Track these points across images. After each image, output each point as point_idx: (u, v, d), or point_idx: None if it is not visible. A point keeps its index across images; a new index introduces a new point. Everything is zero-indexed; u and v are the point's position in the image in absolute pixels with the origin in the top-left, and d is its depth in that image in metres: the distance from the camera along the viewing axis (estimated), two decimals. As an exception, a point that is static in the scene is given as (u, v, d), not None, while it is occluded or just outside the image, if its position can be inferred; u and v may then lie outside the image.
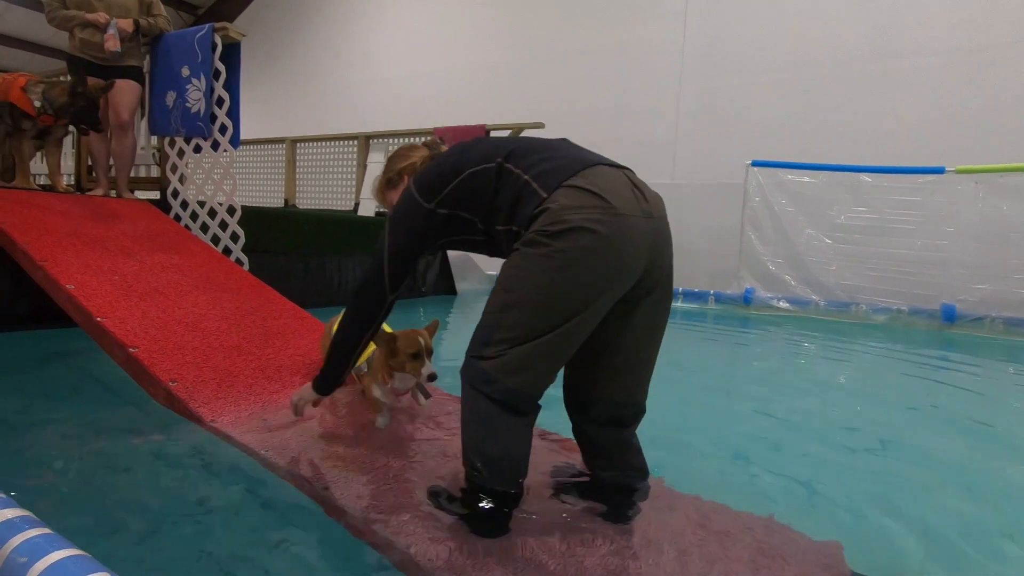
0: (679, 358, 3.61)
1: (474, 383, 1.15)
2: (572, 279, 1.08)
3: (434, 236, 1.31)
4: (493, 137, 1.30)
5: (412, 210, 1.29)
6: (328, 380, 1.52)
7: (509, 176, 1.19)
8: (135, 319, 2.13)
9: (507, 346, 1.11)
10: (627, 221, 1.11)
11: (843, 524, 1.40)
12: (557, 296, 1.09)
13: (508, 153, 1.22)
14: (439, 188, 1.26)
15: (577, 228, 1.07)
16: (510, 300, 1.13)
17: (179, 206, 3.69)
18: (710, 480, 1.58)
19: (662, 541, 1.20)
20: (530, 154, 1.20)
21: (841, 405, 2.61)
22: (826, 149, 6.10)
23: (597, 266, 1.09)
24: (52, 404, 2.02)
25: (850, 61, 6.16)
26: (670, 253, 1.23)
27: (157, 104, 3.69)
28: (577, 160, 1.17)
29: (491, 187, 1.21)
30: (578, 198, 1.10)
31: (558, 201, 1.10)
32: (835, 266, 5.64)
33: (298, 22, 10.72)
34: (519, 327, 1.11)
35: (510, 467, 1.16)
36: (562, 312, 1.10)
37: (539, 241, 1.10)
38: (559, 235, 1.08)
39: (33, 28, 11.06)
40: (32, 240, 2.46)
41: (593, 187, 1.11)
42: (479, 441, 1.16)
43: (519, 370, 1.11)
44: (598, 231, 1.08)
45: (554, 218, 1.09)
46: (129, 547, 1.15)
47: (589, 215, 1.08)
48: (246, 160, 7.45)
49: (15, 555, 0.69)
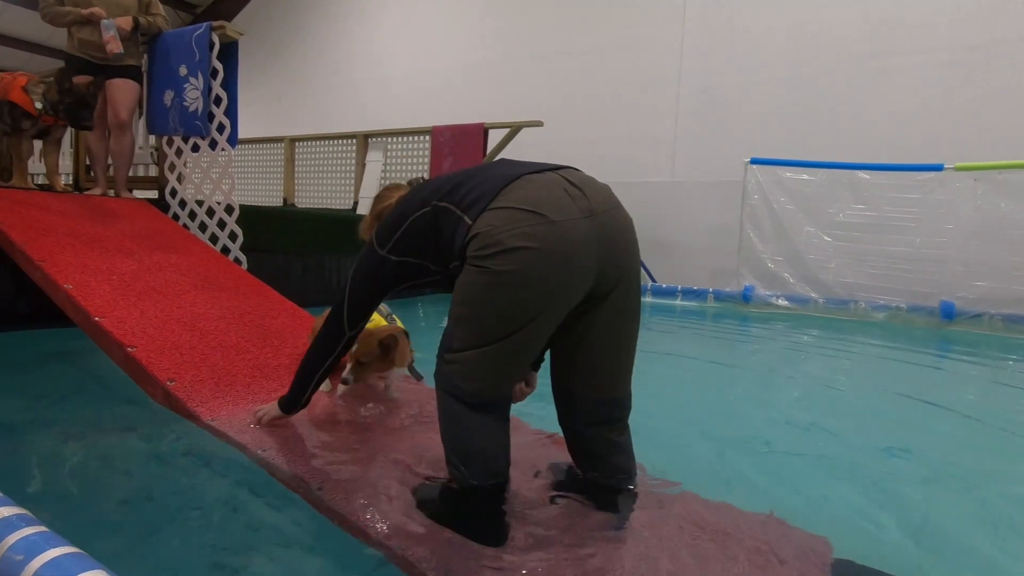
0: (677, 355, 3.61)
1: (442, 386, 1.20)
2: (512, 297, 1.11)
3: (390, 281, 1.37)
4: (441, 176, 1.34)
5: (369, 256, 1.37)
6: (292, 402, 1.60)
7: (444, 214, 1.22)
8: (133, 318, 2.13)
9: (462, 355, 1.16)
10: (563, 227, 1.10)
11: (840, 520, 1.40)
12: (500, 313, 1.12)
13: (444, 193, 1.24)
14: (389, 235, 1.32)
15: (510, 248, 1.09)
16: (461, 314, 1.17)
17: (177, 205, 3.69)
18: (707, 478, 1.58)
19: (656, 540, 1.21)
20: (462, 186, 1.22)
21: (840, 402, 2.62)
22: (825, 147, 6.10)
23: (539, 280, 1.10)
24: (51, 403, 2.03)
25: (849, 58, 6.16)
26: (628, 243, 1.21)
27: (155, 103, 3.69)
28: (501, 178, 1.18)
29: (431, 229, 1.25)
30: (503, 217, 1.11)
31: (486, 223, 1.12)
32: (834, 264, 5.65)
33: (296, 21, 10.71)
34: (470, 339, 1.15)
35: (486, 461, 1.19)
36: (508, 326, 1.12)
37: (476, 265, 1.13)
38: (490, 257, 1.10)
39: (30, 27, 11.03)
40: (30, 240, 2.46)
41: (517, 203, 1.12)
42: (453, 440, 1.20)
43: (476, 376, 1.16)
44: (532, 247, 1.08)
45: (483, 242, 1.11)
46: (128, 545, 1.16)
47: (520, 230, 1.09)
48: (244, 159, 7.44)
49: (11, 553, 0.70)
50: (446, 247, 1.23)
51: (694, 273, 6.51)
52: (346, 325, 1.43)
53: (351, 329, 1.45)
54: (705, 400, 2.60)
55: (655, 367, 3.12)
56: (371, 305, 1.45)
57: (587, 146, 7.21)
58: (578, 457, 1.38)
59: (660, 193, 6.95)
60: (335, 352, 1.49)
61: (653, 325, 4.74)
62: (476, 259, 1.13)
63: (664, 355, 3.61)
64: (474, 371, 1.15)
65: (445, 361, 1.19)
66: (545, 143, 5.79)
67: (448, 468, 1.23)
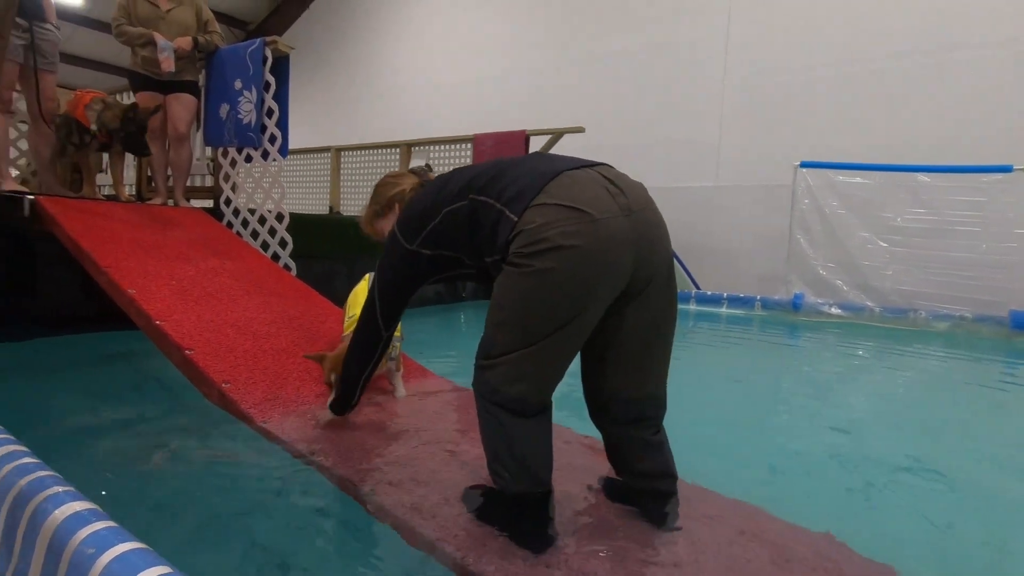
0: (725, 365, 3.51)
1: (481, 392, 1.19)
2: (554, 296, 1.09)
3: (422, 275, 1.37)
4: (468, 167, 1.33)
5: (396, 251, 1.36)
6: (341, 406, 1.66)
7: (483, 208, 1.21)
8: (191, 322, 2.22)
9: (503, 358, 1.14)
10: (605, 224, 1.10)
11: (900, 544, 1.32)
12: (541, 313, 1.11)
13: (480, 186, 1.23)
14: (419, 229, 1.31)
15: (555, 247, 1.08)
16: (500, 318, 1.15)
17: (231, 214, 3.83)
18: (759, 491, 1.52)
19: (706, 549, 1.17)
20: (499, 179, 1.21)
21: (899, 417, 2.49)
22: (880, 148, 5.84)
23: (580, 279, 1.09)
24: (114, 403, 2.13)
25: (906, 54, 5.89)
26: (661, 242, 1.20)
27: (211, 116, 3.84)
28: (541, 174, 1.17)
29: (468, 223, 1.24)
30: (548, 214, 1.10)
31: (531, 221, 1.11)
32: (891, 270, 5.39)
33: (342, 35, 11.03)
34: (512, 341, 1.14)
35: (529, 468, 1.17)
36: (548, 326, 1.11)
37: (518, 262, 1.11)
38: (537, 255, 1.09)
39: (98, 49, 11.78)
40: (97, 247, 2.60)
41: (560, 200, 1.11)
42: (496, 447, 1.19)
43: (517, 379, 1.14)
44: (576, 245, 1.08)
45: (529, 239, 1.10)
46: (182, 542, 1.20)
47: (564, 228, 1.08)
48: (293, 169, 7.68)
49: (84, 547, 0.73)
50: (486, 241, 1.21)
51: (740, 280, 6.32)
52: (382, 326, 1.44)
53: (387, 329, 1.45)
54: (756, 411, 2.52)
55: (700, 375, 3.04)
56: (404, 302, 1.44)
57: (629, 151, 7.13)
58: (616, 459, 1.35)
59: (704, 198, 6.80)
60: (375, 355, 1.51)
61: (698, 333, 4.63)
62: (520, 256, 1.11)
63: (712, 364, 3.52)
64: (516, 374, 1.14)
65: (485, 367, 1.18)
66: (587, 149, 5.74)
67: (491, 475, 1.22)
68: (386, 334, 1.46)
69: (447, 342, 3.93)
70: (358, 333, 1.51)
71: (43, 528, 0.80)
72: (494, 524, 1.21)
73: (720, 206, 6.71)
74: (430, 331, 4.18)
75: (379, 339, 1.47)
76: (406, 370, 2.38)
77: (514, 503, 1.18)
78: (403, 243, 1.34)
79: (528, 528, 1.17)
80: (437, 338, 3.99)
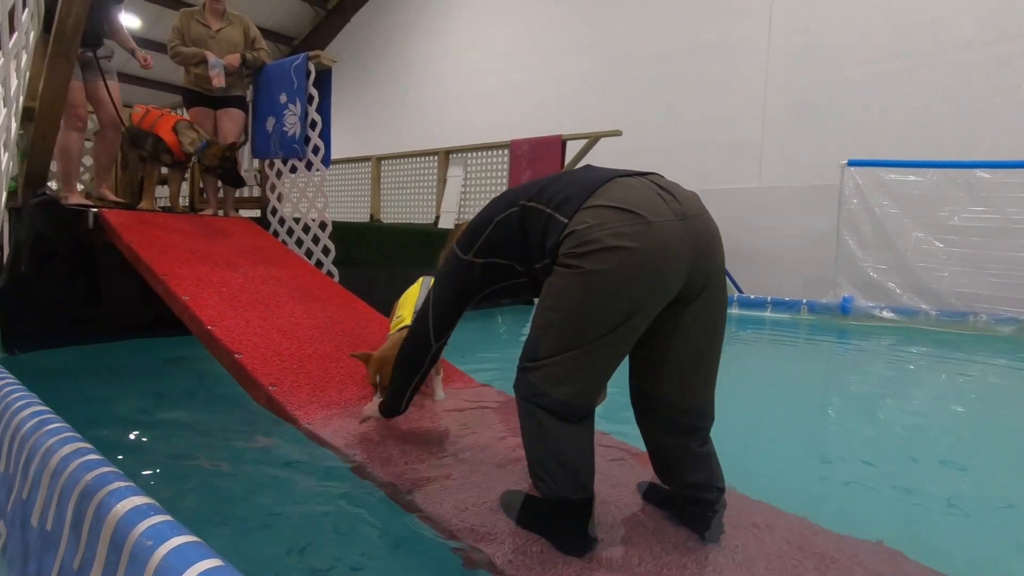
0: (770, 371, 3.41)
1: (525, 395, 1.17)
2: (605, 298, 1.08)
3: (476, 285, 1.38)
4: (525, 183, 1.34)
5: (452, 263, 1.39)
6: (390, 410, 1.65)
7: (533, 213, 1.22)
8: (240, 327, 2.31)
9: (550, 360, 1.13)
10: (659, 227, 1.08)
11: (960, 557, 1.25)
12: (591, 315, 1.10)
13: (531, 194, 1.24)
14: (474, 239, 1.33)
15: (607, 248, 1.07)
16: (549, 319, 1.15)
17: (277, 223, 3.97)
18: (805, 501, 1.47)
19: (755, 564, 1.14)
20: (551, 187, 1.22)
21: (960, 427, 2.36)
22: (933, 145, 5.59)
23: (632, 281, 1.08)
24: (168, 405, 2.23)
25: (961, 47, 5.62)
26: (715, 249, 1.18)
27: (259, 129, 4.00)
28: (593, 180, 1.17)
29: (519, 229, 1.25)
30: (600, 215, 1.09)
31: (582, 222, 1.10)
32: (948, 272, 5.14)
33: (382, 47, 11.30)
34: (559, 343, 1.12)
35: (572, 473, 1.15)
36: (598, 329, 1.10)
37: (569, 263, 1.11)
38: (588, 255, 1.08)
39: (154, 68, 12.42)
40: (154, 256, 2.74)
41: (613, 201, 1.10)
42: (538, 452, 1.17)
43: (564, 381, 1.12)
44: (628, 246, 1.06)
45: (580, 239, 1.10)
46: (229, 540, 1.24)
47: (616, 229, 1.07)
48: (336, 178, 7.90)
49: (143, 539, 0.77)
50: (535, 246, 1.22)
51: (785, 283, 6.14)
52: (432, 338, 1.45)
53: (437, 341, 1.46)
54: (803, 419, 2.44)
55: (745, 382, 2.96)
56: (456, 314, 1.46)
57: (668, 153, 7.04)
58: (661, 468, 1.32)
59: (747, 200, 6.64)
60: (424, 367, 1.51)
61: (741, 338, 4.51)
62: (569, 257, 1.11)
63: (756, 370, 3.43)
64: (562, 376, 1.13)
65: (529, 369, 1.17)
66: (624, 152, 5.70)
67: (533, 480, 1.21)
68: (436, 346, 1.47)
69: (486, 347, 3.96)
70: (408, 344, 1.51)
71: (107, 521, 0.84)
72: (534, 529, 1.21)
73: (764, 208, 6.54)
74: (469, 336, 4.21)
75: (428, 350, 1.47)
76: (446, 374, 2.41)
77: (556, 508, 1.17)
78: (459, 254, 1.37)
79: (569, 533, 1.16)
80: (476, 343, 4.02)
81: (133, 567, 0.75)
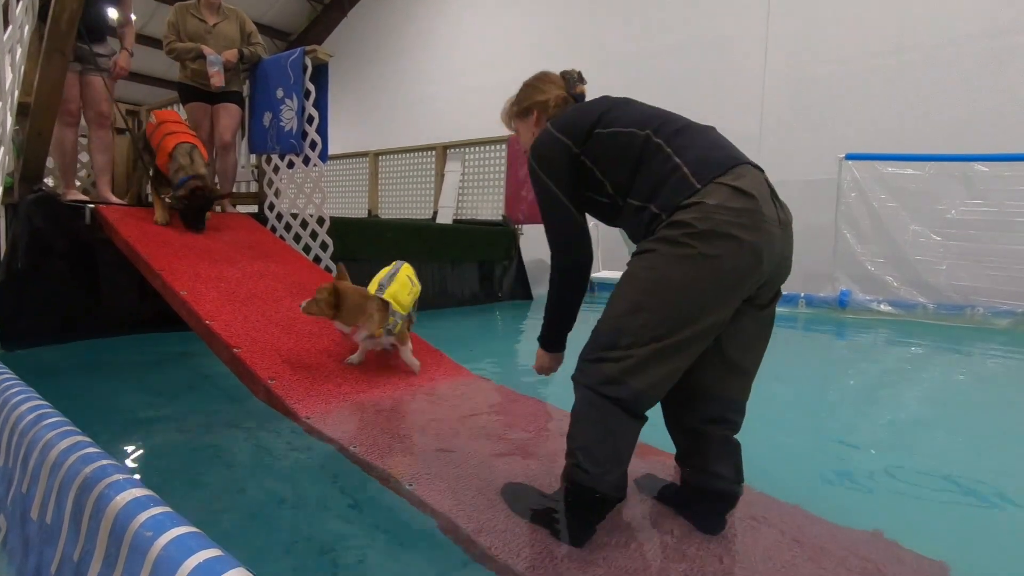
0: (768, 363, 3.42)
1: (593, 385, 1.10)
2: (712, 285, 1.05)
3: (576, 187, 1.28)
4: (639, 103, 1.28)
5: (557, 149, 1.26)
6: (557, 340, 1.46)
7: (657, 152, 1.16)
8: (238, 322, 2.31)
9: (636, 349, 1.07)
10: (768, 229, 1.07)
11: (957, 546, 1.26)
12: (694, 301, 1.05)
13: (657, 127, 1.18)
14: (583, 132, 1.24)
15: (726, 234, 1.04)
16: (640, 303, 1.08)
17: (275, 218, 3.96)
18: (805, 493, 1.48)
19: (752, 556, 1.14)
20: (680, 134, 1.17)
21: (958, 419, 2.38)
22: (931, 138, 5.59)
23: (737, 272, 1.05)
24: (169, 400, 2.23)
25: (960, 40, 5.62)
26: (790, 259, 1.19)
27: (255, 124, 3.98)
28: (728, 155, 1.13)
29: (634, 156, 1.18)
30: (731, 198, 1.06)
31: (712, 198, 1.06)
32: (946, 265, 5.15)
33: (379, 42, 11.26)
34: (649, 330, 1.06)
35: (621, 471, 1.12)
36: (697, 317, 1.06)
37: (683, 242, 1.05)
38: (706, 237, 1.04)
39: (148, 63, 12.37)
40: (152, 251, 2.73)
41: (747, 187, 1.07)
42: (594, 443, 1.10)
43: (645, 373, 1.07)
44: (744, 239, 1.04)
45: (704, 215, 1.04)
46: (230, 532, 1.25)
47: (740, 220, 1.04)
48: (333, 173, 7.88)
49: (142, 530, 0.77)
50: (645, 185, 1.16)
51: (783, 277, 6.15)
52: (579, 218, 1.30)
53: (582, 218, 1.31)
54: (801, 411, 2.44)
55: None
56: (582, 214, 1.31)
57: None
58: (689, 455, 1.28)
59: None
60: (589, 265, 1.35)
61: (739, 332, 4.52)
62: (686, 234, 1.05)
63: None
64: (645, 366, 1.06)
65: (605, 359, 1.09)
66: (622, 147, 5.69)
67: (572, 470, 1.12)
68: (586, 225, 1.32)
69: (485, 340, 3.96)
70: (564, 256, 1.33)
71: (106, 512, 0.85)
72: (538, 520, 1.21)
73: (761, 202, 6.54)
74: (468, 330, 4.22)
75: (585, 237, 1.31)
76: (444, 369, 2.41)
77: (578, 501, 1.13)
78: (566, 142, 1.26)
79: (579, 526, 1.15)
80: (475, 337, 4.02)
81: (133, 558, 0.76)
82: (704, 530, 1.22)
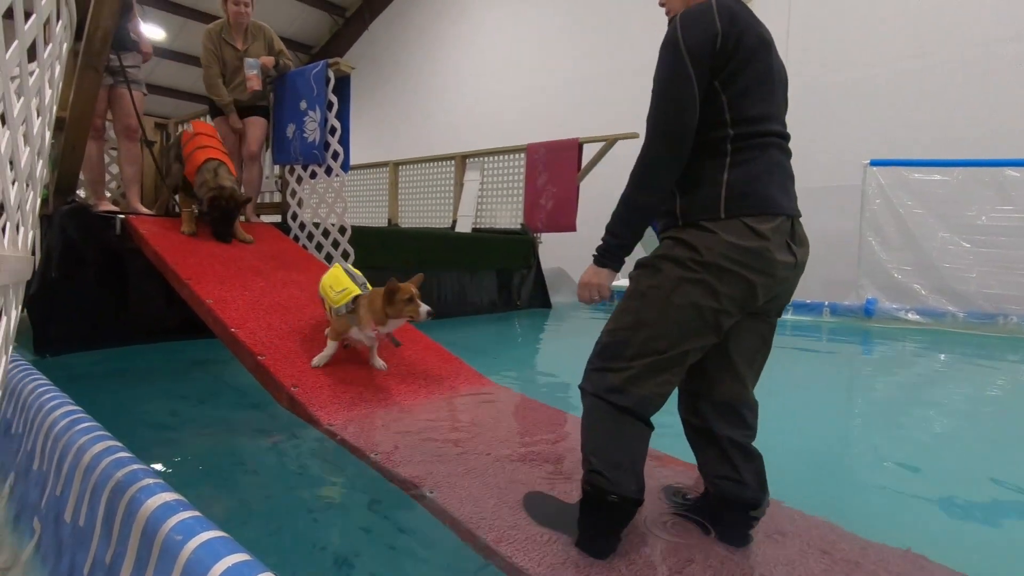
0: (794, 374, 3.36)
1: (600, 392, 1.15)
2: (710, 311, 1.09)
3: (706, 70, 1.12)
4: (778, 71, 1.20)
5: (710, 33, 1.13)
6: (615, 256, 1.20)
7: (719, 147, 1.13)
8: (263, 330, 2.35)
9: (638, 360, 1.13)
10: (776, 272, 1.11)
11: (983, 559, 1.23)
12: (693, 323, 1.10)
13: (725, 79, 1.11)
14: (710, 55, 1.11)
15: (731, 271, 1.08)
16: (646, 319, 1.13)
17: (297, 227, 4.03)
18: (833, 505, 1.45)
19: (775, 563, 1.12)
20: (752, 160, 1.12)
21: (993, 433, 2.31)
22: (959, 144, 5.47)
23: (736, 304, 1.10)
24: (194, 406, 2.28)
25: (987, 42, 5.50)
26: (797, 279, 1.20)
27: (279, 136, 4.07)
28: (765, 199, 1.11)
29: (701, 100, 1.11)
30: (745, 236, 1.08)
31: (729, 234, 1.08)
32: (976, 273, 5.02)
33: (398, 55, 11.42)
34: (650, 344, 1.12)
35: (637, 474, 1.14)
36: (695, 336, 1.11)
37: (689, 267, 1.10)
38: (712, 269, 1.08)
39: (178, 78, 12.71)
40: (179, 260, 2.80)
41: (766, 231, 1.08)
42: (609, 449, 1.13)
43: (648, 381, 1.12)
44: (750, 279, 1.08)
45: (714, 248, 1.08)
46: (257, 535, 1.26)
47: (748, 260, 1.08)
48: (354, 183, 7.99)
49: (173, 533, 0.79)
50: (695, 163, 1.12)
51: (805, 285, 6.00)
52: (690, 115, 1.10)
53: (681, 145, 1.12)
54: (828, 423, 2.40)
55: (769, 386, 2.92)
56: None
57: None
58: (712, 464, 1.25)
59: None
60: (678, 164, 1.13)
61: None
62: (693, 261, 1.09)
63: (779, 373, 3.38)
64: (647, 376, 1.12)
65: (611, 368, 1.14)
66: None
67: (590, 478, 1.14)
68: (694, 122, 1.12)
69: (505, 348, 3.96)
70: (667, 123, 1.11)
71: (137, 516, 0.87)
72: (560, 528, 1.21)
73: (783, 209, 6.45)
74: (487, 338, 4.23)
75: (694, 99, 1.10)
76: (465, 376, 2.42)
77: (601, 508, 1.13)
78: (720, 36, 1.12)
79: (600, 535, 1.15)
80: (495, 345, 4.03)
81: (164, 561, 0.77)
82: (728, 541, 1.20)
